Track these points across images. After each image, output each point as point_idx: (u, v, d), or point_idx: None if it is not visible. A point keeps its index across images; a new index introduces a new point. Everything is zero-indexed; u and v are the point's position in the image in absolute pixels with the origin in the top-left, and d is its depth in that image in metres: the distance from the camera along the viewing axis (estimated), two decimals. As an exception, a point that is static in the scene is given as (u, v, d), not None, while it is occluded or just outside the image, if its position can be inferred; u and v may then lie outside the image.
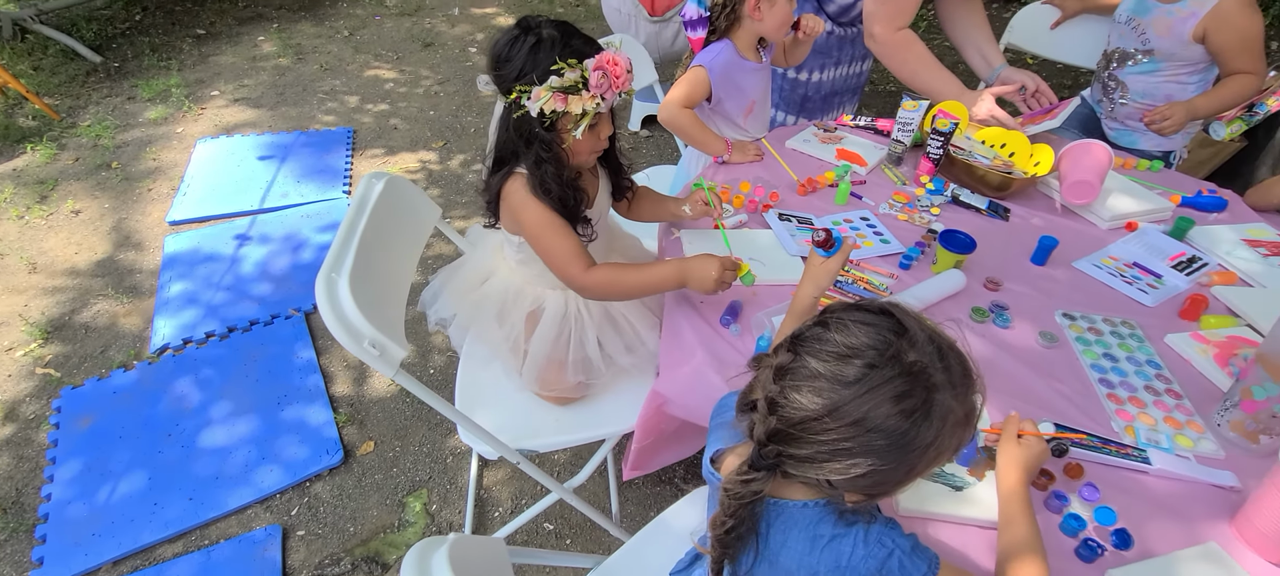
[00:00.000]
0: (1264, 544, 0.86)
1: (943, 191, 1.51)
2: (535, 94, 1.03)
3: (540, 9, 4.50)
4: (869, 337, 0.67)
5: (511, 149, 1.13)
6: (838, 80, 1.96)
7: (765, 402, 0.70)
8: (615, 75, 1.05)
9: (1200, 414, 1.05)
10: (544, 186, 1.11)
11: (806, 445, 0.67)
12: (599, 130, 1.13)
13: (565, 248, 1.14)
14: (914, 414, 0.65)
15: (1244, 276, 1.32)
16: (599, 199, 1.28)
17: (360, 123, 3.37)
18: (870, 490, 0.70)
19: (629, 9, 2.78)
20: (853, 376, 0.66)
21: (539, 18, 1.08)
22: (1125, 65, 1.82)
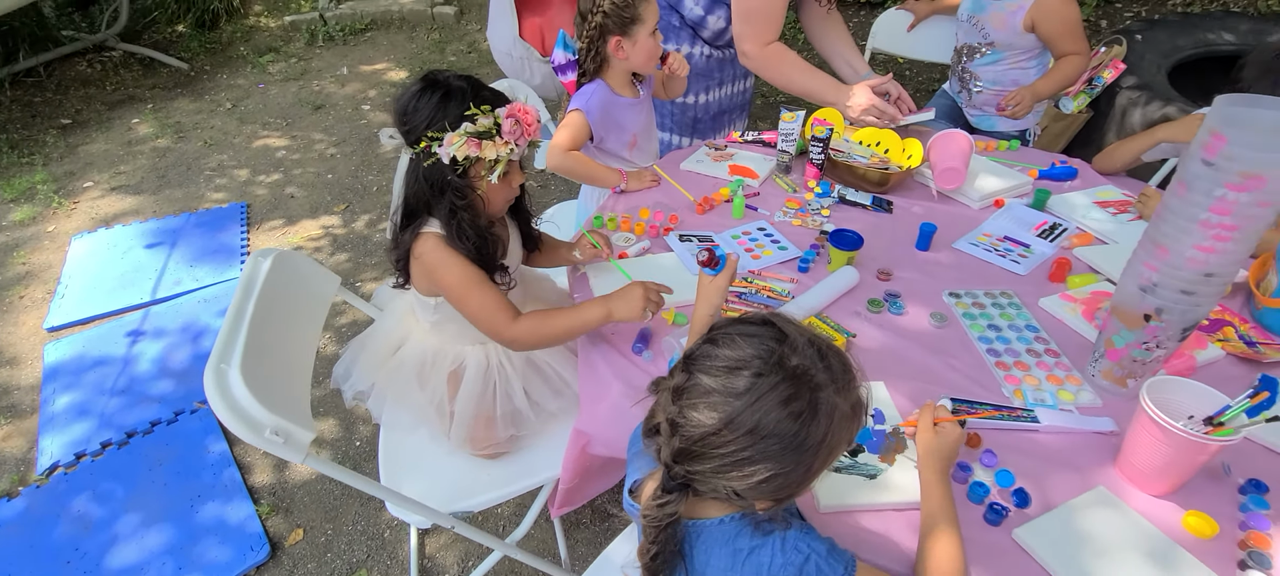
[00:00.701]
0: (1142, 479, 0.95)
1: (830, 193, 1.59)
2: (448, 139, 1.04)
3: (432, 60, 4.46)
4: (753, 348, 0.71)
5: (422, 200, 1.12)
6: (724, 99, 2.04)
7: (667, 424, 0.72)
8: (527, 123, 1.08)
9: (1077, 368, 1.15)
10: (460, 234, 1.11)
11: (709, 460, 0.70)
12: (511, 179, 1.15)
13: (489, 302, 1.13)
14: (802, 415, 0.69)
15: (1099, 235, 1.46)
16: (512, 247, 1.29)
17: (254, 196, 3.23)
18: (776, 494, 0.73)
19: (520, 52, 2.81)
20: (742, 387, 0.69)
21: (446, 72, 1.10)
22: (974, 58, 2.00)
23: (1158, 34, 2.80)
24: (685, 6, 1.82)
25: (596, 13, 1.53)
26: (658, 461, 0.75)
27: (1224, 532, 0.90)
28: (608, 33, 1.54)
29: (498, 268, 1.18)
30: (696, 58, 1.91)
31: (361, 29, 4.84)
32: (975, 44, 1.99)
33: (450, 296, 1.16)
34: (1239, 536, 0.89)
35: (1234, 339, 1.18)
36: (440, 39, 4.69)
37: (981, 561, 0.88)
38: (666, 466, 0.72)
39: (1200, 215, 0.85)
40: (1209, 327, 1.20)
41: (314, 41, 4.76)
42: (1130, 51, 2.64)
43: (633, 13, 1.52)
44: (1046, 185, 1.60)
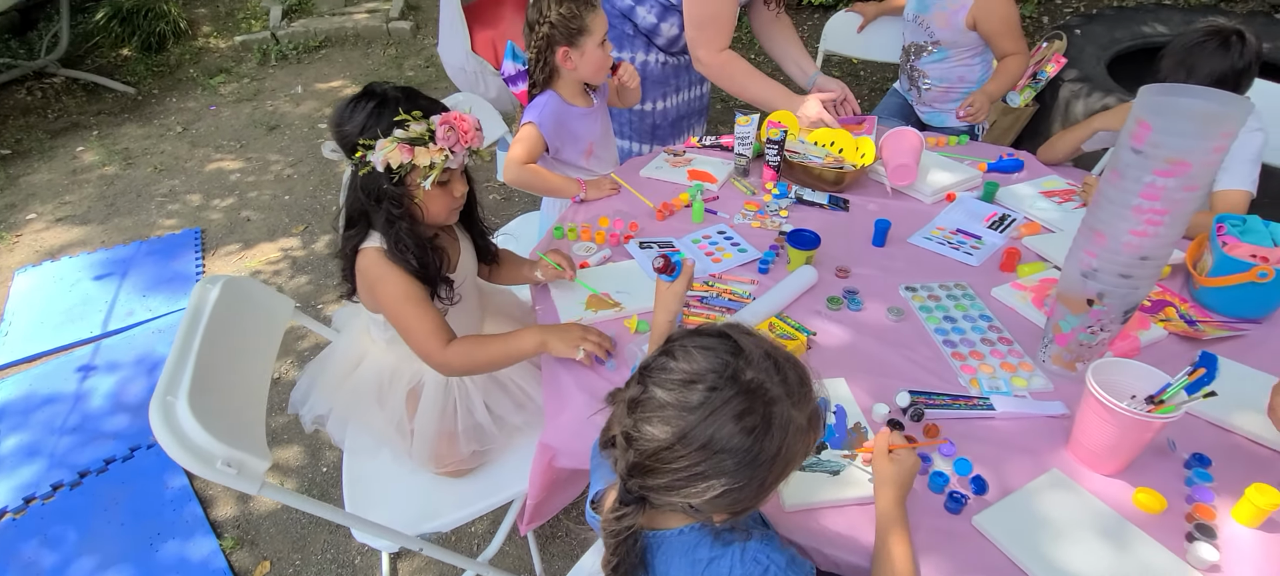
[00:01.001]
0: (1093, 459, 0.98)
1: (787, 194, 1.61)
2: (380, 146, 1.02)
3: (389, 75, 4.41)
4: (709, 362, 0.70)
5: (360, 211, 1.11)
6: (682, 105, 2.05)
7: (622, 437, 0.71)
8: (463, 130, 1.06)
9: (1029, 354, 1.18)
10: (399, 245, 1.09)
11: (662, 475, 0.69)
12: (452, 188, 1.13)
13: (423, 324, 1.12)
14: (755, 430, 0.68)
15: (1045, 224, 1.50)
16: (463, 261, 1.27)
17: (208, 221, 3.14)
18: (732, 508, 0.73)
19: (473, 66, 2.78)
20: (696, 401, 0.68)
21: (384, 83, 1.09)
22: (921, 56, 2.06)
23: (1096, 28, 2.90)
24: (638, 15, 1.83)
25: (543, 23, 1.53)
26: (615, 473, 0.75)
27: (1172, 507, 0.93)
28: (555, 43, 1.54)
29: (441, 281, 1.16)
30: (652, 65, 1.92)
31: (315, 46, 4.76)
32: (922, 43, 2.05)
33: (387, 312, 1.15)
34: (1186, 510, 0.93)
35: (1175, 318, 1.22)
36: (397, 54, 4.64)
37: (943, 550, 0.89)
38: (623, 478, 0.72)
39: (1133, 201, 0.89)
40: (1151, 309, 1.25)
41: (266, 61, 4.67)
42: (1071, 46, 2.74)
43: (579, 24, 1.52)
44: (995, 178, 1.64)
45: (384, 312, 1.16)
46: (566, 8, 1.51)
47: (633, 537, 0.74)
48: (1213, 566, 0.85)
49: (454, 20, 2.81)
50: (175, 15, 4.81)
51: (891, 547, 0.84)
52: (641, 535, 0.77)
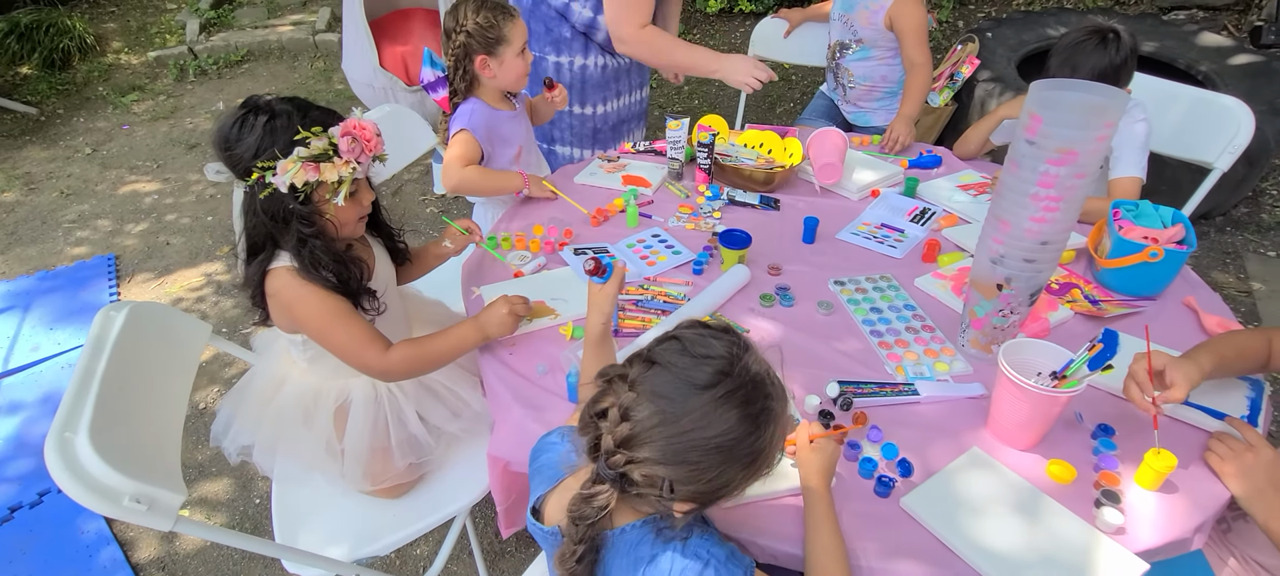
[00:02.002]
0: (1009, 435, 1.03)
1: (720, 196, 1.64)
2: (282, 167, 0.98)
3: (318, 90, 4.27)
4: (719, 348, 0.72)
5: (265, 234, 1.06)
6: (623, 109, 2.07)
7: (618, 410, 0.71)
8: (366, 139, 1.03)
9: (950, 340, 1.23)
10: (316, 265, 1.05)
11: (655, 448, 0.70)
12: (360, 198, 1.10)
13: (355, 334, 1.09)
14: (756, 418, 0.71)
15: (962, 216, 1.58)
16: (380, 268, 1.24)
17: (122, 247, 2.97)
18: (705, 496, 0.73)
19: (382, 82, 2.73)
20: (706, 381, 0.70)
21: (266, 96, 1.04)
22: (846, 54, 2.14)
23: (1005, 31, 3.07)
24: (573, 12, 1.83)
25: (459, 32, 1.52)
26: (589, 453, 0.75)
27: (1081, 476, 0.98)
28: (472, 52, 1.53)
29: (364, 293, 1.13)
30: (592, 69, 1.93)
31: (237, 61, 4.57)
32: (846, 40, 2.13)
33: (312, 332, 1.11)
34: (1093, 478, 0.99)
35: (1080, 299, 1.30)
36: (326, 67, 4.51)
37: (874, 533, 0.92)
38: (607, 453, 0.72)
39: (1031, 189, 0.94)
40: (1059, 292, 1.32)
41: (184, 77, 4.45)
42: (983, 48, 2.89)
43: (497, 33, 1.51)
44: (915, 174, 1.71)
45: (307, 333, 1.12)
46: (484, 17, 1.50)
47: (600, 521, 0.74)
48: (1119, 529, 0.91)
49: (359, 35, 2.76)
50: (81, 30, 4.54)
51: (820, 532, 0.86)
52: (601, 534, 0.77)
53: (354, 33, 2.75)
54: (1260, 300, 2.49)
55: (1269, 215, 2.88)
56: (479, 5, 1.51)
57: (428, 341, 1.14)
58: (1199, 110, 1.74)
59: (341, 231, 1.11)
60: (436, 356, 1.15)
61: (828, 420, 1.06)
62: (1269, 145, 2.61)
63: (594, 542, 0.75)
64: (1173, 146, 1.77)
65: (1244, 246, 2.73)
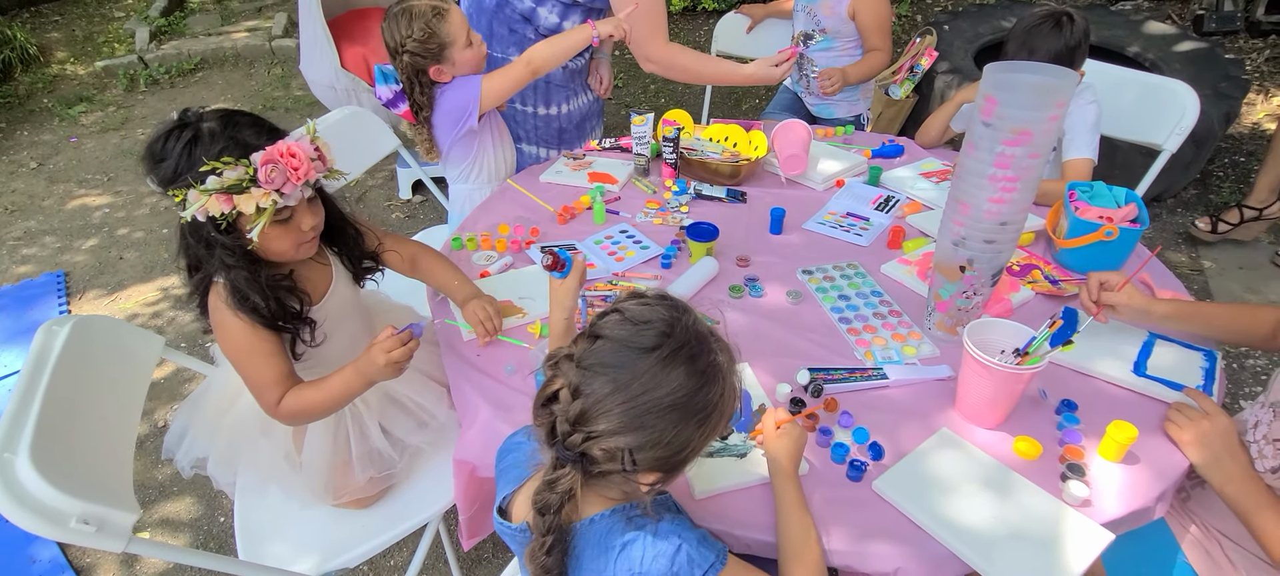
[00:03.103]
0: (976, 414, 1.04)
1: (687, 190, 1.64)
2: (191, 198, 0.91)
3: (276, 97, 4.17)
4: (659, 312, 0.73)
5: (195, 255, 1.01)
6: (584, 106, 2.05)
7: (569, 390, 0.71)
8: (293, 166, 0.95)
9: (916, 323, 1.25)
10: (240, 295, 0.99)
11: (611, 418, 0.70)
12: (297, 222, 1.02)
13: (258, 376, 1.03)
14: (704, 373, 0.72)
15: (925, 203, 1.60)
16: (334, 291, 1.17)
17: (72, 264, 2.86)
18: (666, 460, 0.73)
19: (344, 83, 2.67)
20: (650, 343, 0.71)
21: (201, 110, 0.97)
22: (810, 44, 2.16)
23: (962, 24, 3.14)
24: (540, 17, 1.81)
25: (402, 54, 1.48)
26: (546, 440, 0.74)
27: (1047, 451, 1.00)
28: (422, 67, 1.50)
29: (302, 323, 1.07)
30: (556, 71, 1.91)
31: (191, 69, 4.44)
32: (810, 31, 2.16)
33: (229, 360, 1.05)
34: (1058, 452, 1.00)
35: (1041, 280, 1.33)
36: (283, 73, 4.40)
37: (847, 517, 0.93)
38: (563, 436, 0.71)
39: (988, 171, 0.96)
40: (1020, 273, 1.35)
41: (134, 87, 4.31)
42: (941, 40, 2.94)
43: (438, 41, 1.48)
44: (878, 163, 1.73)
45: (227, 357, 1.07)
46: (419, 30, 1.45)
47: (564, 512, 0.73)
48: (1084, 500, 0.92)
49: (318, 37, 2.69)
50: (22, 41, 4.36)
51: (790, 517, 0.87)
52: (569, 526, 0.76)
53: (312, 34, 2.68)
54: (1212, 277, 2.58)
55: (1216, 195, 2.98)
56: (409, 17, 1.46)
57: (312, 389, 1.06)
58: (1147, 94, 1.80)
59: (274, 258, 1.04)
60: (320, 405, 1.06)
61: (799, 407, 1.07)
62: (1214, 128, 2.71)
63: (562, 533, 0.74)
64: (1123, 129, 1.82)
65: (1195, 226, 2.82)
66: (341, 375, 1.04)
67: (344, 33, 2.82)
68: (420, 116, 1.58)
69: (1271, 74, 3.56)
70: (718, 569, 0.75)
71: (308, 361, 1.11)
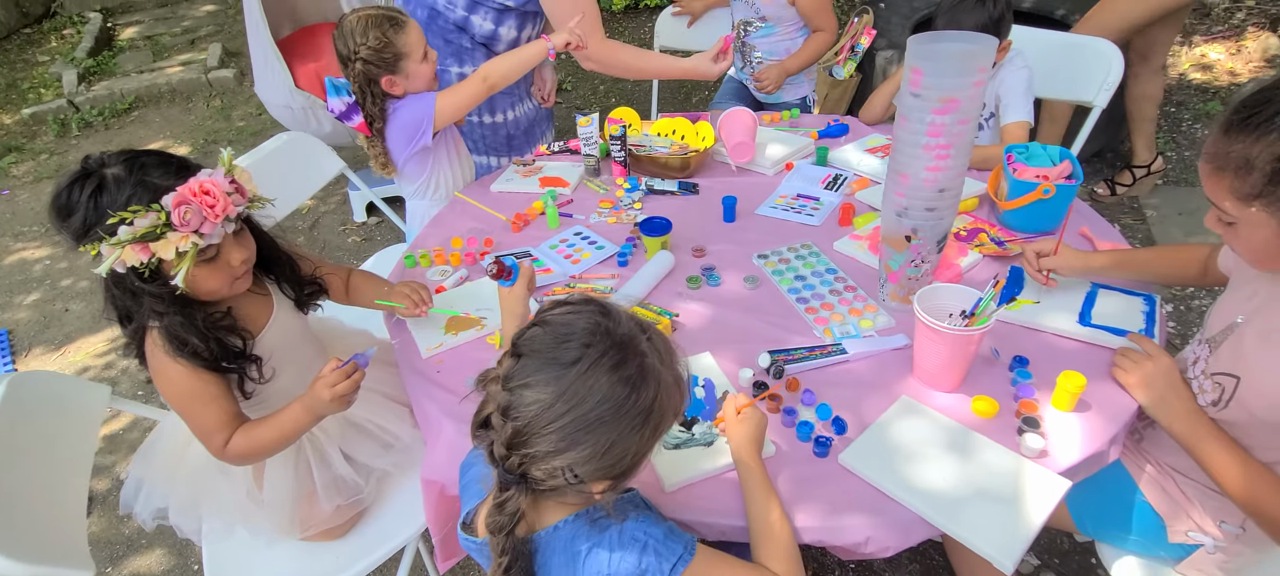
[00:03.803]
0: (933, 378, 1.07)
1: (638, 186, 1.64)
2: (105, 252, 0.87)
3: (218, 130, 4.06)
4: (580, 321, 0.71)
5: (123, 306, 0.96)
6: (531, 112, 2.04)
7: (499, 412, 0.70)
8: (208, 205, 0.91)
9: (871, 296, 1.27)
10: (178, 341, 0.96)
11: (543, 438, 0.68)
12: (226, 259, 0.98)
13: (202, 421, 1.00)
14: (631, 379, 0.70)
15: (872, 178, 1.63)
16: (275, 320, 1.13)
17: (14, 321, 2.75)
18: (612, 469, 0.72)
19: (300, 102, 2.61)
20: (572, 358, 0.69)
21: (104, 155, 0.91)
22: (750, 32, 2.18)
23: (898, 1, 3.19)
24: (473, 25, 1.79)
25: (355, 60, 1.45)
26: (490, 461, 0.73)
27: (1003, 408, 1.03)
28: (375, 76, 1.47)
29: (247, 361, 1.04)
30: None
31: (125, 109, 4.29)
32: (750, 18, 2.18)
33: (172, 407, 1.02)
34: (1014, 408, 1.03)
35: (987, 242, 1.36)
36: (223, 106, 4.29)
37: (817, 493, 0.94)
38: (501, 459, 0.70)
39: (922, 140, 0.98)
40: (967, 237, 1.38)
41: (66, 132, 4.15)
42: (878, 18, 2.99)
43: (393, 51, 1.45)
44: (825, 143, 1.76)
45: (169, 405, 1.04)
46: (375, 37, 1.43)
47: (518, 530, 0.72)
48: (1041, 452, 0.95)
49: (269, 58, 2.63)
50: (-59, 94, 4.17)
51: (756, 500, 0.87)
52: (528, 538, 0.75)
53: (263, 56, 2.62)
54: (1154, 224, 2.68)
55: (1152, 146, 3.10)
56: (365, 26, 1.43)
57: (261, 428, 1.03)
58: (1074, 54, 1.86)
59: (206, 297, 1.00)
60: (270, 443, 1.03)
61: (762, 390, 1.07)
62: (1143, 82, 2.80)
63: (521, 550, 0.73)
64: (1055, 89, 1.88)
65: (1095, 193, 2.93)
66: (290, 411, 1.01)
67: (295, 51, 2.75)
68: (374, 129, 1.55)
69: (1190, 28, 3.71)
70: (686, 560, 0.75)
71: (258, 395, 1.08)
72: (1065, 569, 1.58)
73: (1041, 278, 1.19)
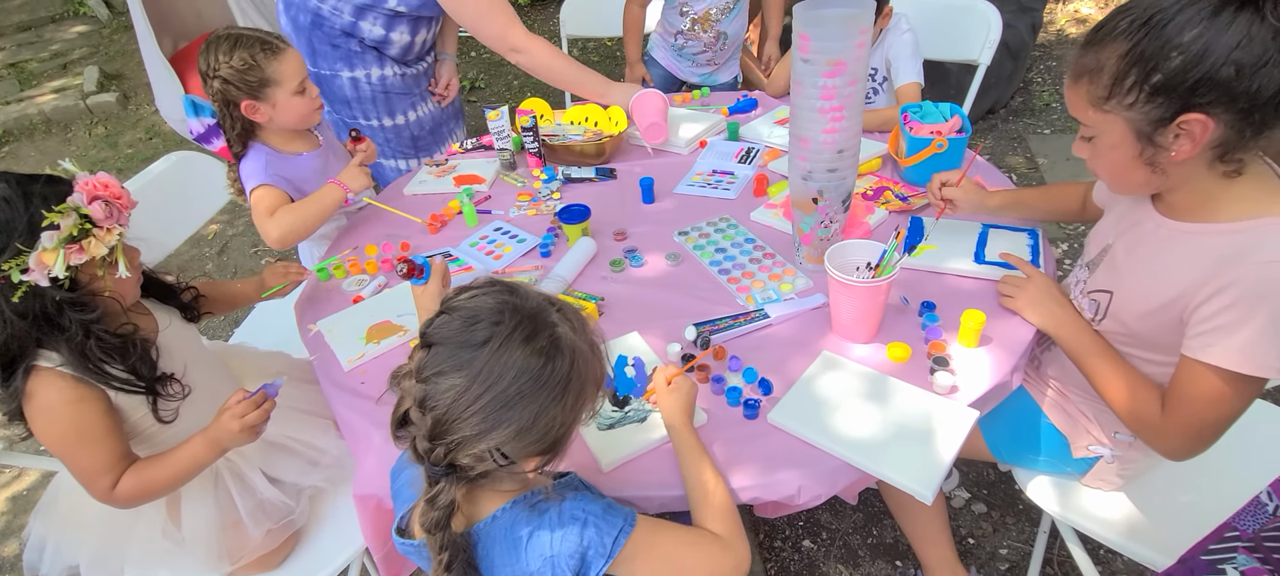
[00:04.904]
0: (849, 331, 1.12)
1: (555, 177, 1.64)
2: (37, 262, 0.83)
3: (105, 159, 3.77)
4: (486, 302, 0.71)
5: (22, 341, 0.90)
6: (436, 111, 2.00)
7: (416, 406, 0.69)
8: (116, 196, 0.90)
9: (789, 261, 1.31)
10: (95, 361, 0.91)
11: (466, 424, 0.68)
12: (131, 259, 0.97)
13: (87, 463, 0.94)
14: (545, 350, 0.70)
15: (783, 148, 1.68)
16: (168, 333, 1.09)
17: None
18: (541, 443, 0.72)
19: None
20: (482, 338, 0.68)
21: None
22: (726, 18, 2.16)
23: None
24: (362, 31, 1.74)
25: (213, 78, 1.34)
26: (414, 458, 0.72)
27: (915, 351, 1.09)
28: (232, 98, 1.36)
29: (164, 380, 1.00)
30: (391, 78, 1.84)
31: (-7, 146, 3.94)
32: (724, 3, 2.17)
33: (51, 450, 0.95)
34: (925, 350, 1.09)
35: (892, 199, 1.43)
36: (108, 132, 3.99)
37: (750, 453, 0.96)
38: (426, 454, 0.69)
39: (816, 104, 1.02)
40: (873, 196, 1.45)
41: (-75, 177, 3.77)
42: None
43: (259, 76, 1.34)
44: (735, 119, 1.80)
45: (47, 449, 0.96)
46: (239, 58, 1.32)
47: (457, 532, 0.71)
48: (952, 387, 1.01)
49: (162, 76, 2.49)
50: None
51: (691, 466, 0.89)
52: (466, 532, 0.74)
53: (156, 73, 2.46)
54: (1046, 173, 2.87)
55: (1039, 99, 3.32)
56: (232, 44, 1.32)
57: (154, 467, 0.99)
58: (955, 15, 1.97)
59: (126, 303, 0.98)
60: (166, 482, 0.99)
61: (689, 363, 1.10)
62: (1025, 39, 3.00)
63: (460, 545, 0.73)
64: (941, 50, 1.98)
65: (1025, 131, 3.13)
66: (189, 447, 0.97)
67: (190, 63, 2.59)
68: (235, 154, 1.44)
69: (1066, -16, 3.99)
70: (627, 532, 0.76)
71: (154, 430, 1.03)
72: (992, 499, 1.69)
73: (939, 204, 1.25)
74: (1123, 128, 0.84)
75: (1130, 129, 0.83)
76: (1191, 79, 0.76)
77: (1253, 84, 0.74)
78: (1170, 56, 0.76)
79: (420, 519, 0.72)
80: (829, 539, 1.64)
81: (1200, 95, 0.76)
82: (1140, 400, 0.96)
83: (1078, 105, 0.88)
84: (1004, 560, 1.57)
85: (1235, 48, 0.73)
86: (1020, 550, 1.58)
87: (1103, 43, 0.83)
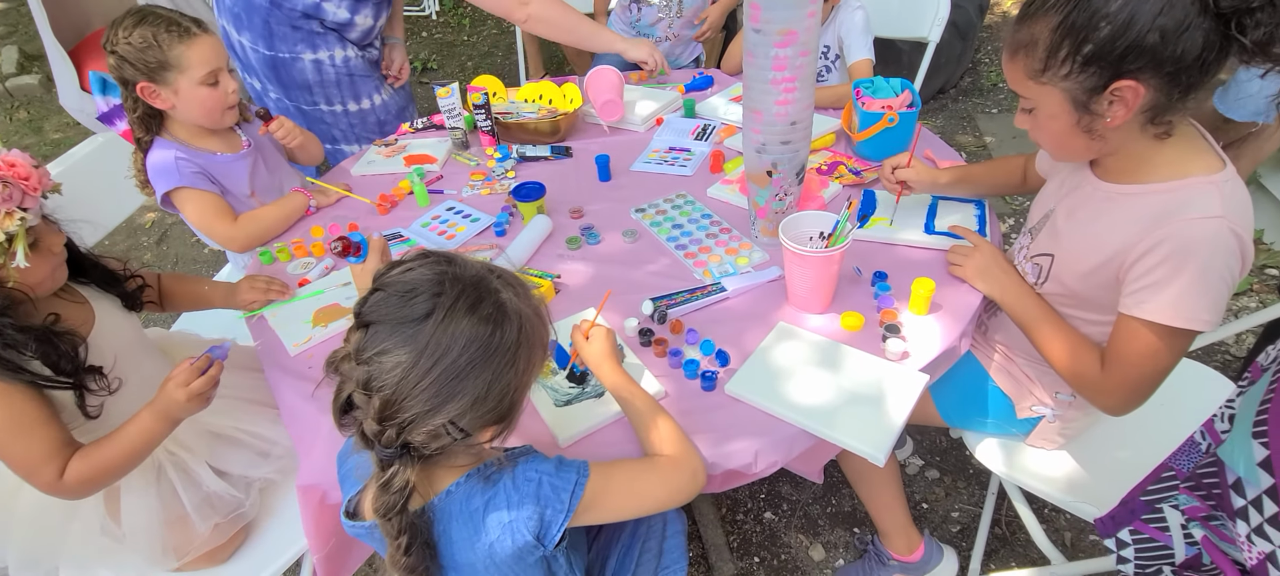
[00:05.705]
0: (804, 301, 1.13)
1: (509, 155, 1.61)
2: None
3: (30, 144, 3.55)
4: (423, 274, 0.69)
5: None
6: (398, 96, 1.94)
7: (360, 389, 0.66)
8: (22, 177, 0.84)
9: (745, 235, 1.32)
10: (13, 352, 0.86)
11: (416, 401, 0.66)
12: (47, 245, 0.91)
13: (26, 455, 0.89)
14: (492, 317, 0.68)
15: (738, 125, 1.68)
16: (101, 325, 1.03)
17: None
18: (497, 412, 0.71)
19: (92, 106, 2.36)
20: (424, 310, 0.66)
21: None
22: None
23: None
24: (326, 12, 1.67)
25: (111, 53, 1.23)
26: (362, 444, 0.69)
27: (868, 320, 1.10)
28: (129, 77, 1.25)
29: (88, 372, 0.94)
30: (355, 60, 1.78)
31: (-97, 133, 3.67)
32: None
33: None
34: (877, 318, 1.11)
35: (846, 173, 1.45)
36: (31, 117, 3.76)
37: (709, 424, 0.97)
38: (376, 437, 0.67)
39: (768, 76, 1.02)
40: (827, 171, 1.46)
41: None
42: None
43: (159, 58, 1.23)
44: (692, 96, 1.80)
45: None
46: (140, 35, 1.21)
47: (410, 502, 0.69)
48: (903, 354, 1.03)
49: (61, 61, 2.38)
50: None
51: (631, 408, 0.90)
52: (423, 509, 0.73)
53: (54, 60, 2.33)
54: (994, 150, 2.96)
55: (986, 79, 3.41)
56: (138, 20, 1.22)
57: (103, 449, 0.94)
58: (905, -6, 2.00)
59: (37, 292, 0.91)
60: (118, 462, 0.94)
61: (648, 337, 1.10)
62: (973, 19, 3.07)
63: (418, 526, 0.71)
64: (893, 28, 2.02)
65: (974, 110, 3.21)
66: (138, 422, 0.92)
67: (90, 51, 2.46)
68: (138, 142, 1.35)
69: (1011, -34, 4.09)
70: (582, 483, 0.76)
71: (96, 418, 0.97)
72: (945, 464, 1.74)
73: (895, 189, 1.28)
74: (1059, 98, 0.86)
75: (1067, 99, 0.86)
76: (1120, 47, 0.79)
77: (1177, 48, 0.77)
78: (1099, 27, 0.79)
79: (375, 504, 0.70)
80: (789, 510, 1.67)
81: (1130, 62, 0.79)
82: (1081, 360, 0.99)
83: (1016, 78, 0.90)
84: (955, 522, 1.62)
85: (1159, 14, 0.76)
86: (970, 512, 1.63)
87: (1035, 16, 0.85)
